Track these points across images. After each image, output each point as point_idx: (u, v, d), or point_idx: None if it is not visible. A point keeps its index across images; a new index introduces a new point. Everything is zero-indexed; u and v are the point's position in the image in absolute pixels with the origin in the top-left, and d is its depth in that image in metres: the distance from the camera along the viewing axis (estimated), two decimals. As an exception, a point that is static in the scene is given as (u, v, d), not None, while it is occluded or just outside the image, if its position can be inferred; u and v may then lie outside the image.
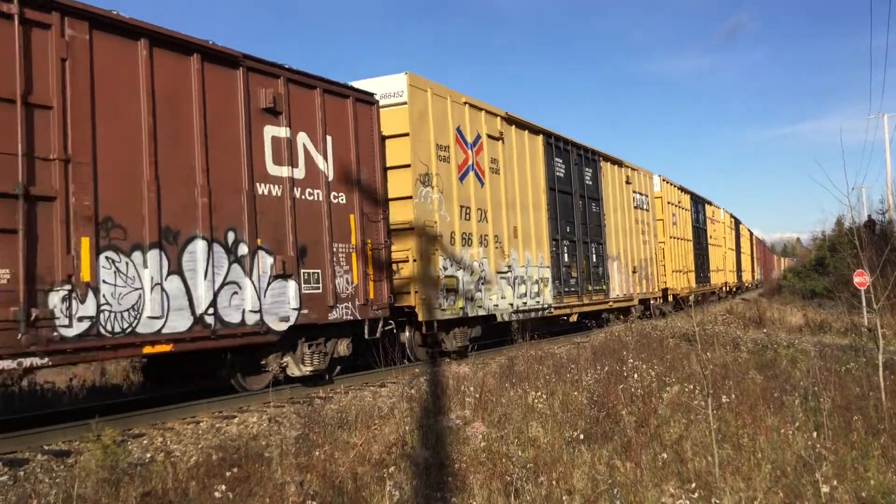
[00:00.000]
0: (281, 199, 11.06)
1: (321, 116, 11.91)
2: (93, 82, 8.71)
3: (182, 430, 9.05)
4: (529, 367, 11.50)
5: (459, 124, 15.65)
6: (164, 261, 9.27)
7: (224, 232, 10.09)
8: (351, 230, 12.35)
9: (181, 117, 9.72)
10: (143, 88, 9.26)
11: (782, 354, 12.52)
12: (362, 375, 13.15)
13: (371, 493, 5.79)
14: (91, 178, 8.54)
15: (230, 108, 10.44)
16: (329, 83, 12.15)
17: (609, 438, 7.36)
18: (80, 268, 8.35)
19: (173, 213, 9.41)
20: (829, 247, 46.34)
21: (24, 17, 8.08)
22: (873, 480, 5.89)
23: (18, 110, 7.93)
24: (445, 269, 14.55)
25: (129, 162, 9.00)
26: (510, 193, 17.43)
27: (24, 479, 6.91)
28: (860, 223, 34.00)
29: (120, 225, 8.82)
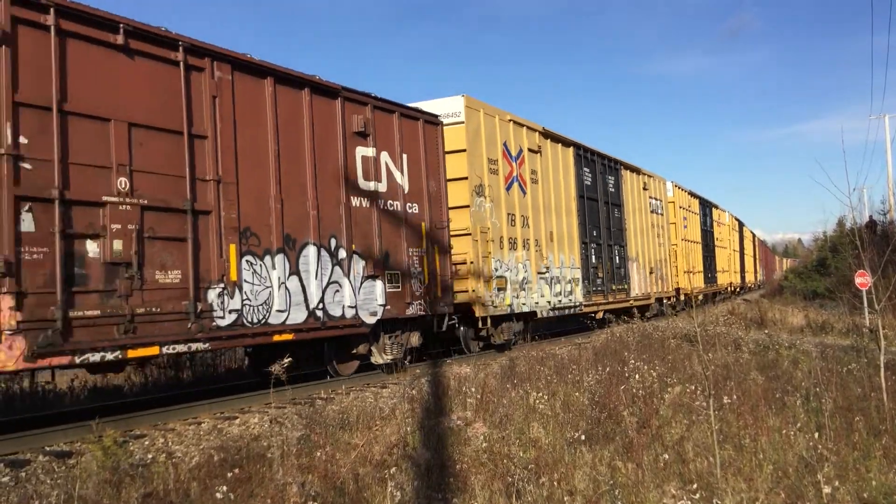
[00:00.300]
0: (369, 209, 12.88)
1: (398, 137, 13.74)
2: (234, 115, 10.56)
3: (183, 430, 9.05)
4: (531, 367, 11.50)
5: (505, 140, 17.54)
6: (287, 263, 11.14)
7: (328, 239, 11.96)
8: (422, 236, 14.15)
9: (296, 141, 11.56)
10: (270, 118, 11.13)
11: (784, 355, 12.52)
12: (363, 377, 13.15)
13: (372, 494, 5.79)
14: (235, 196, 10.41)
15: (331, 132, 12.29)
16: (404, 108, 14.02)
17: (610, 439, 7.36)
18: (230, 269, 10.22)
19: (291, 224, 11.27)
20: (830, 247, 46.37)
21: (187, 64, 9.91)
22: (875, 481, 5.89)
23: (185, 140, 9.76)
24: (496, 271, 16.40)
25: (260, 181, 10.88)
26: (547, 201, 19.27)
27: (26, 480, 6.92)
28: (861, 224, 33.98)
29: (255, 234, 10.70)
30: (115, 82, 9.09)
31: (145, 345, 9.05)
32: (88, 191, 8.64)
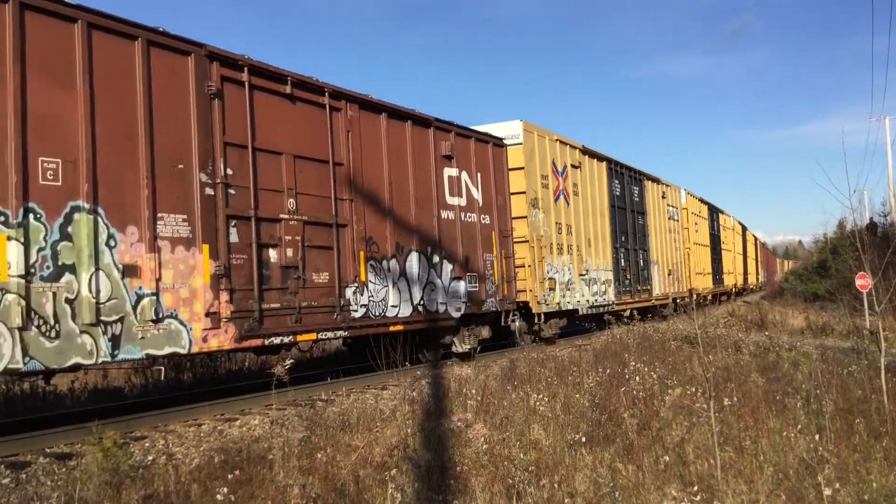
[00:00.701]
0: (454, 221, 15.31)
1: (474, 158, 16.20)
2: (361, 146, 12.99)
3: (184, 432, 9.05)
4: (531, 369, 11.49)
5: (553, 157, 19.83)
6: (398, 267, 13.52)
7: (425, 246, 14.33)
8: (493, 243, 16.58)
9: (402, 165, 13.96)
10: (385, 147, 13.55)
11: (784, 357, 12.52)
12: (363, 378, 13.16)
13: (373, 496, 5.79)
14: (363, 212, 12.84)
15: (425, 157, 14.67)
16: (478, 133, 16.51)
17: (611, 441, 7.36)
18: (360, 271, 12.64)
19: (400, 234, 13.67)
20: (830, 249, 46.37)
21: (330, 106, 12.40)
22: (875, 483, 5.89)
23: (330, 167, 12.24)
24: (548, 273, 18.71)
25: (378, 199, 13.28)
26: (585, 210, 21.67)
27: (26, 482, 6.92)
28: (862, 225, 34.01)
29: (376, 242, 13.13)
30: (283, 123, 11.53)
31: (307, 332, 11.47)
32: (270, 210, 11.09)
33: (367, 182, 13.02)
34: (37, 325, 7.97)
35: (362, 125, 13.06)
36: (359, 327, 12.53)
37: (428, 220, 14.48)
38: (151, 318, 9.16)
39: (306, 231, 11.64)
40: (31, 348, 7.89)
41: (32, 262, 8.02)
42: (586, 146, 22.15)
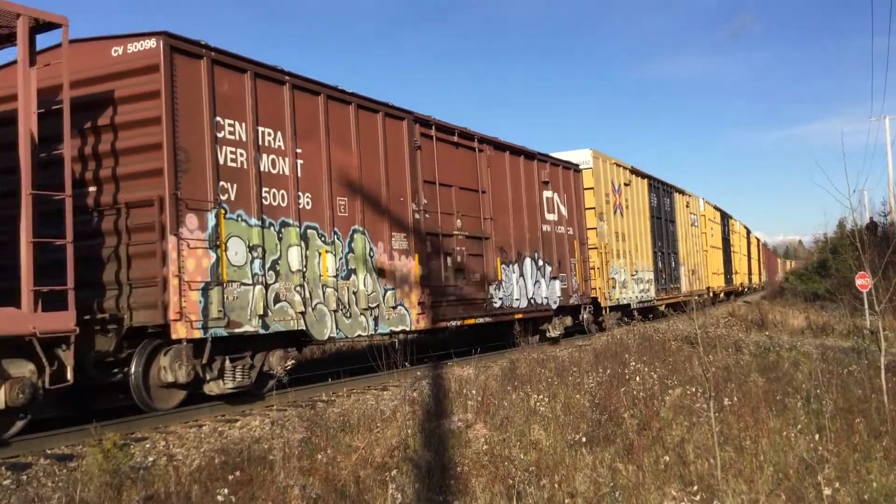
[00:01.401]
0: (550, 233, 19.31)
1: (562, 181, 20.14)
2: (495, 177, 16.92)
3: (184, 433, 9.05)
4: (531, 369, 11.50)
5: (612, 177, 23.97)
6: (518, 269, 17.48)
7: (533, 252, 18.34)
8: (575, 250, 20.59)
9: (517, 189, 17.89)
10: (508, 177, 17.56)
11: (784, 357, 12.52)
12: (365, 379, 13.16)
13: (374, 497, 5.80)
14: (497, 227, 16.78)
15: (531, 183, 18.60)
16: (565, 162, 20.54)
17: (611, 441, 7.36)
18: (497, 272, 16.61)
19: (518, 243, 17.65)
20: (830, 249, 46.39)
21: (478, 149, 16.47)
22: (875, 483, 5.89)
23: (479, 195, 16.29)
24: (611, 273, 22.67)
25: (504, 216, 17.20)
26: (633, 221, 25.59)
27: (27, 483, 6.91)
28: (862, 225, 33.99)
29: (505, 250, 17.05)
30: (452, 163, 15.43)
31: (469, 318, 15.37)
32: (447, 228, 15.11)
33: (498, 205, 16.97)
34: (340, 309, 11.94)
35: (495, 162, 17.02)
36: (497, 315, 16.48)
37: (534, 233, 18.48)
38: (391, 306, 13.18)
39: (466, 243, 15.67)
40: (339, 324, 11.91)
41: (337, 267, 12.00)
42: (634, 167, 26.36)
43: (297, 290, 11.12)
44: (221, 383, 10.22)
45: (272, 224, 10.90)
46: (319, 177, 11.84)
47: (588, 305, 20.89)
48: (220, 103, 10.28)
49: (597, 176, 22.49)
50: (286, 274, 11.01)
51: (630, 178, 25.60)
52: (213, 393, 10.22)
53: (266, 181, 10.89)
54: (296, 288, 11.12)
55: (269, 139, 11.05)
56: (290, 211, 11.23)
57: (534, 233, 18.36)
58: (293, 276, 11.13)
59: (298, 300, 11.14)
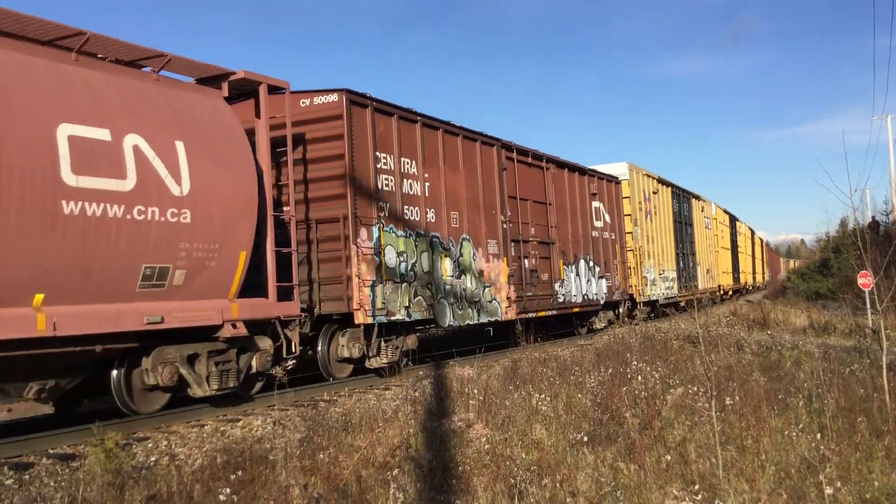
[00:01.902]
0: (598, 238, 22.16)
1: (605, 194, 23.03)
2: (555, 191, 19.64)
3: (186, 433, 9.05)
4: (533, 369, 11.50)
5: (644, 187, 26.86)
6: (574, 269, 20.23)
7: (585, 255, 21.07)
8: (616, 252, 23.50)
9: (573, 202, 20.72)
10: (567, 190, 20.35)
11: (786, 356, 12.52)
12: (365, 379, 13.17)
13: (375, 496, 5.80)
14: (560, 234, 19.46)
15: (583, 195, 21.40)
16: (608, 175, 23.51)
17: (613, 440, 7.36)
18: (559, 272, 19.22)
19: (574, 246, 20.41)
20: (832, 248, 46.36)
21: (545, 167, 19.24)
22: (877, 482, 5.89)
23: (546, 206, 19.07)
24: (644, 273, 25.53)
25: (564, 224, 19.96)
26: (660, 226, 28.37)
27: (30, 483, 6.92)
28: (864, 224, 33.97)
29: (565, 253, 19.78)
30: (526, 180, 18.21)
31: (540, 311, 18.26)
32: (525, 235, 17.83)
33: (560, 214, 19.74)
34: (455, 303, 14.80)
35: (557, 178, 19.86)
36: (560, 308, 19.30)
37: (586, 238, 21.35)
38: (488, 300, 15.98)
39: (538, 247, 18.45)
40: (454, 314, 14.79)
41: (452, 269, 14.84)
42: (661, 177, 29.29)
43: (427, 287, 14.05)
44: (378, 359, 13.05)
45: (411, 235, 13.75)
46: (439, 195, 14.83)
47: (626, 301, 24.16)
48: (378, 141, 13.14)
49: (632, 186, 25.44)
50: (420, 274, 13.89)
51: (657, 187, 28.61)
52: (373, 367, 13.05)
53: (406, 200, 13.77)
54: (427, 285, 14.05)
55: (407, 167, 13.94)
56: (422, 224, 14.16)
57: (586, 238, 21.33)
58: (425, 276, 14.03)
59: (428, 295, 14.08)
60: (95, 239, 8.43)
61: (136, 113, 9.20)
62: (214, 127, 10.24)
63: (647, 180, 27.24)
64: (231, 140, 10.36)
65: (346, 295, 12.19)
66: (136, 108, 9.24)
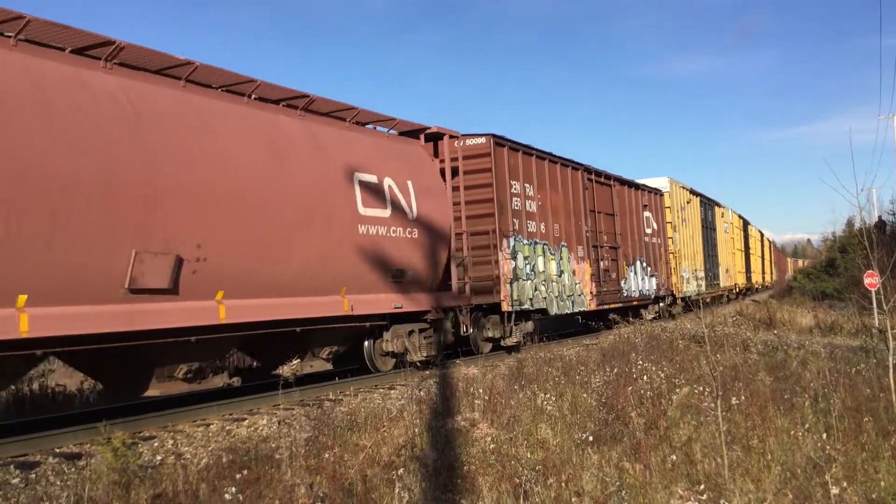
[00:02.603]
0: (649, 242, 26.31)
1: (653, 204, 27.31)
2: (620, 203, 23.77)
3: (192, 432, 9.08)
4: (538, 368, 11.49)
5: (680, 198, 31.18)
6: (633, 269, 24.23)
7: (640, 257, 25.16)
8: (662, 255, 27.79)
9: (631, 213, 24.88)
10: (626, 203, 24.35)
11: (792, 356, 12.48)
12: (371, 378, 13.18)
13: (380, 495, 5.80)
14: (623, 240, 23.50)
15: (638, 206, 25.59)
16: (654, 189, 27.92)
17: (618, 440, 7.36)
18: (624, 272, 23.38)
19: (633, 250, 24.54)
20: (839, 248, 46.26)
21: (613, 185, 23.49)
22: (883, 482, 5.87)
23: (613, 217, 23.26)
24: (682, 273, 30.31)
25: (626, 232, 23.89)
26: (692, 232, 32.88)
27: (36, 482, 6.95)
28: (871, 224, 33.90)
29: (626, 256, 23.69)
30: (600, 196, 22.15)
31: (611, 303, 22.05)
32: (599, 241, 21.72)
33: (623, 223, 23.82)
34: (558, 296, 18.87)
35: (620, 193, 24.01)
36: (624, 302, 23.37)
37: (640, 243, 25.43)
38: (578, 294, 20.00)
39: (609, 252, 22.50)
40: (558, 306, 18.96)
41: (556, 269, 18.89)
42: (693, 188, 33.86)
43: (542, 284, 18.04)
44: (511, 339, 16.73)
45: (531, 243, 17.83)
46: (547, 211, 18.81)
47: (669, 297, 28.52)
48: (510, 171, 17.12)
49: (672, 197, 29.89)
50: (537, 273, 17.92)
51: (690, 198, 33.01)
52: (506, 345, 16.69)
53: (527, 216, 17.82)
54: (542, 283, 18.05)
55: (527, 190, 17.95)
56: (537, 234, 18.18)
57: (640, 243, 25.40)
58: (540, 275, 18.06)
59: (543, 290, 18.16)
60: (373, 250, 12.41)
61: (386, 161, 13.27)
62: (422, 167, 14.48)
63: (682, 192, 31.86)
64: (433, 176, 14.72)
65: (495, 289, 16.02)
66: (386, 158, 13.36)
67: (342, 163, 12.11)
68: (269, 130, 11.15)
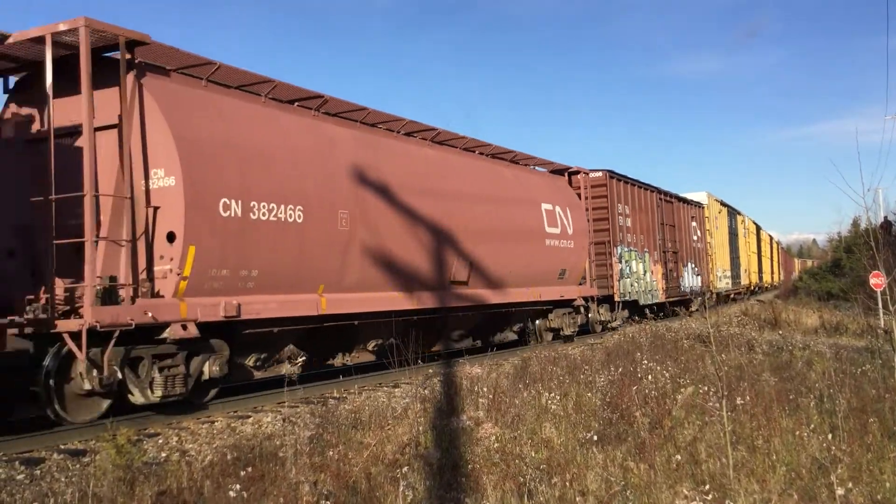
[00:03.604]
0: (694, 248, 32.31)
1: (697, 216, 33.02)
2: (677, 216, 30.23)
3: (197, 429, 9.09)
4: (543, 368, 11.48)
5: (714, 210, 37.32)
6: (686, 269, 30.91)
7: (689, 259, 31.23)
8: (703, 258, 33.65)
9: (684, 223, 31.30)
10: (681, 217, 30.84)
11: (797, 356, 12.45)
12: (375, 376, 13.19)
13: (384, 494, 5.80)
14: (680, 246, 30.10)
15: (688, 218, 31.78)
16: (697, 202, 33.94)
17: (623, 440, 7.35)
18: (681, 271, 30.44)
19: (686, 254, 31.02)
20: (845, 248, 46.17)
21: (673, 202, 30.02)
22: (889, 483, 5.86)
23: (674, 228, 29.64)
24: (716, 272, 36.54)
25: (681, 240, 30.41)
26: (721, 238, 39.11)
27: (41, 478, 6.97)
28: (876, 224, 33.79)
29: (682, 259, 30.48)
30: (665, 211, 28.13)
31: (674, 296, 28.38)
32: (667, 248, 27.90)
33: (679, 232, 29.64)
34: (642, 290, 24.36)
35: (677, 208, 29.87)
36: (681, 296, 29.14)
37: (690, 248, 31.33)
38: (655, 289, 25.64)
39: (672, 256, 28.17)
40: (643, 298, 24.49)
41: (641, 269, 24.45)
42: (723, 200, 40.69)
43: (635, 281, 23.66)
44: (616, 322, 21.99)
45: (629, 250, 23.33)
46: (636, 225, 24.42)
47: (707, 292, 32.40)
48: (617, 196, 22.89)
49: (709, 209, 36.19)
50: (632, 273, 23.54)
51: (720, 209, 39.86)
52: (612, 326, 21.62)
53: (627, 230, 23.48)
54: (635, 280, 23.67)
55: (626, 210, 23.65)
56: (632, 243, 23.74)
57: (690, 248, 31.31)
58: (634, 274, 23.65)
59: (636, 286, 23.80)
60: (551, 257, 18.07)
61: (553, 193, 19.13)
62: (571, 196, 20.15)
63: (715, 204, 38.42)
64: (577, 203, 20.28)
65: (609, 285, 21.78)
66: (553, 191, 19.28)
67: (535, 196, 18.11)
68: (496, 177, 17.21)
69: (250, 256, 10.24)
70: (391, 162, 13.42)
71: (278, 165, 10.84)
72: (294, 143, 11.43)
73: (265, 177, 10.53)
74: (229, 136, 10.29)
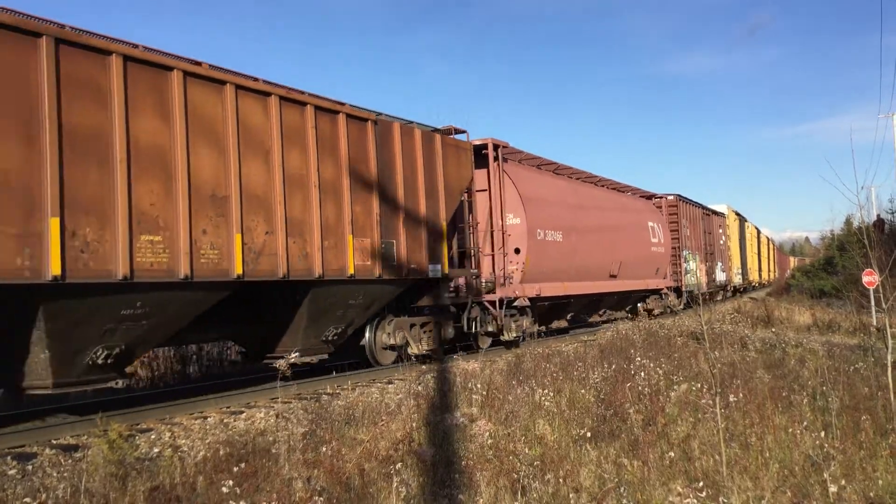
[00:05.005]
0: (721, 249, 39.29)
1: (722, 224, 40.46)
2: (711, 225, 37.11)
3: (190, 425, 9.06)
4: (537, 364, 11.48)
5: (731, 218, 43.68)
6: (717, 266, 38.21)
7: (718, 258, 38.26)
8: (726, 257, 41.17)
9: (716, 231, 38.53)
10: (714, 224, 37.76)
11: (791, 354, 12.48)
12: (369, 372, 13.17)
13: (378, 490, 5.80)
14: (715, 248, 37.70)
15: (717, 226, 38.46)
16: (720, 213, 41.10)
17: (616, 437, 7.35)
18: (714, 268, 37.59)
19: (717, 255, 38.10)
20: (838, 246, 46.30)
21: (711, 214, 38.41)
22: (882, 480, 5.87)
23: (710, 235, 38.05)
24: (733, 269, 43.54)
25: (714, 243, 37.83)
26: (735, 241, 44.81)
27: (33, 473, 6.93)
28: (869, 222, 33.92)
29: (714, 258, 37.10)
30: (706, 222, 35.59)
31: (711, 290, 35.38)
32: (707, 249, 35.43)
33: (712, 238, 35.25)
34: (695, 283, 30.94)
35: (713, 219, 36.88)
36: (715, 288, 36.16)
37: (718, 249, 36.94)
38: (701, 283, 32.13)
39: (708, 256, 34.38)
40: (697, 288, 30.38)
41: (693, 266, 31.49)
42: (737, 211, 47.59)
43: (691, 277, 29.77)
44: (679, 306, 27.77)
45: (687, 253, 29.58)
46: (691, 234, 30.62)
47: (729, 285, 41.13)
48: (681, 213, 30.08)
49: (728, 218, 42.34)
50: (690, 271, 29.86)
51: (735, 217, 46.14)
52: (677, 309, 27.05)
53: (686, 238, 30.06)
54: (692, 276, 29.87)
55: (686, 222, 30.23)
56: (689, 248, 30.08)
57: (718, 249, 37.15)
58: (692, 270, 30.27)
59: (693, 280, 30.08)
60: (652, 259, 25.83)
61: (650, 213, 26.90)
62: (658, 216, 27.51)
63: (732, 214, 44.85)
64: (661, 219, 27.33)
65: (679, 279, 28.64)
66: (649, 212, 26.91)
67: (644, 217, 26.04)
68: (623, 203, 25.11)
69: (544, 261, 17.74)
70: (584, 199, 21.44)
71: (554, 209, 18.78)
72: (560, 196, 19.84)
73: (548, 215, 18.23)
74: (539, 194, 18.30)
